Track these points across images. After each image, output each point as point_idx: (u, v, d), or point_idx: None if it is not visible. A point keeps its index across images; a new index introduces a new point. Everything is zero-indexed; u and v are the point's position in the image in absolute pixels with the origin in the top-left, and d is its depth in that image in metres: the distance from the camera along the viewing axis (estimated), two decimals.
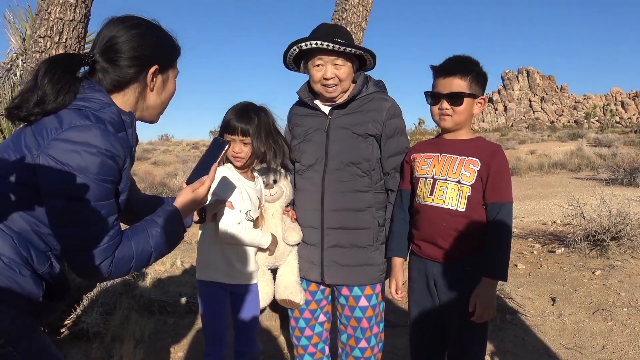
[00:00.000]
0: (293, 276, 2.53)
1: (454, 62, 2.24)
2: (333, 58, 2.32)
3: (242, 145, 2.37)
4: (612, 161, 15.58)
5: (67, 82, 1.50)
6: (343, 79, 2.35)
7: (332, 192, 2.39)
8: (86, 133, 1.43)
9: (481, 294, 2.12)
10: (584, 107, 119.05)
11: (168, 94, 1.77)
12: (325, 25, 2.42)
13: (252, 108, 2.41)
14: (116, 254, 1.50)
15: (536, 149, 27.58)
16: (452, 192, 2.18)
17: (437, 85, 2.23)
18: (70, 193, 1.41)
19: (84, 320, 3.63)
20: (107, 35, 1.59)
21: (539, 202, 10.78)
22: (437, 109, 2.24)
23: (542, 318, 4.12)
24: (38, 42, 3.05)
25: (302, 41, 2.32)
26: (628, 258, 5.55)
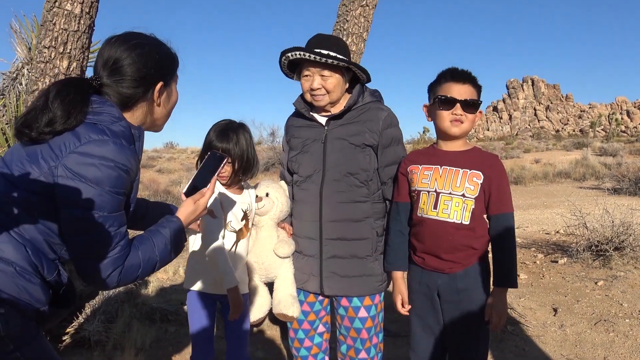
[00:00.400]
0: (286, 289, 2.53)
1: (464, 71, 2.25)
2: (319, 69, 2.33)
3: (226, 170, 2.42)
4: (617, 170, 15.50)
5: (78, 104, 1.55)
6: (330, 90, 2.35)
7: (330, 203, 2.40)
8: (103, 147, 1.49)
9: (497, 304, 2.19)
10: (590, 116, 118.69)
11: (172, 103, 1.83)
12: (319, 36, 2.42)
13: (232, 127, 2.46)
14: (125, 263, 1.56)
15: (541, 158, 27.54)
16: (457, 206, 2.18)
17: (451, 91, 2.19)
18: (86, 204, 1.46)
19: (86, 328, 3.65)
20: (112, 57, 1.63)
21: (542, 212, 10.75)
22: (450, 114, 2.20)
23: (543, 328, 4.11)
24: (43, 53, 3.09)
25: (289, 51, 2.35)
26: (631, 269, 5.53)
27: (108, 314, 3.87)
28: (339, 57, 2.30)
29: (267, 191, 2.55)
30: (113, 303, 4.04)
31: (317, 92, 2.36)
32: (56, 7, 3.06)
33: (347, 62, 2.33)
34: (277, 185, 2.59)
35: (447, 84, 2.22)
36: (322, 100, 2.39)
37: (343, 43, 2.47)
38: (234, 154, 2.41)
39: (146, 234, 1.67)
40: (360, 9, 3.84)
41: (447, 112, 2.20)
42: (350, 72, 2.42)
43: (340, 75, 2.36)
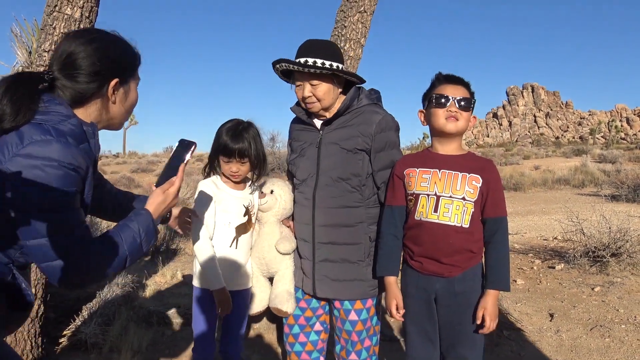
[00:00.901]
0: (284, 286, 2.59)
1: (457, 76, 2.31)
2: (308, 78, 2.35)
3: (239, 165, 2.52)
4: (616, 177, 15.53)
5: (26, 101, 1.51)
6: (320, 98, 2.36)
7: (322, 208, 2.42)
8: (46, 147, 1.44)
9: (489, 307, 2.20)
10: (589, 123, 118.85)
11: (131, 103, 1.79)
12: (308, 43, 2.41)
13: (244, 127, 2.53)
14: (90, 261, 1.52)
15: (540, 165, 27.57)
16: (457, 209, 2.20)
17: (445, 91, 2.24)
18: (36, 206, 1.43)
19: (83, 331, 3.66)
20: (66, 51, 1.60)
21: (541, 218, 10.76)
22: (445, 111, 2.23)
23: (539, 334, 4.12)
24: (43, 56, 3.12)
25: (277, 62, 2.38)
26: (628, 275, 5.54)
27: (105, 317, 3.88)
28: (321, 66, 2.30)
29: (272, 188, 2.60)
30: (110, 306, 4.05)
31: (309, 100, 2.39)
32: (56, 12, 3.09)
33: (331, 69, 2.32)
34: (283, 183, 2.64)
35: (442, 86, 2.27)
36: (314, 107, 2.41)
37: (333, 47, 2.44)
38: (250, 153, 2.50)
39: (114, 229, 1.63)
40: (358, 15, 3.87)
41: (442, 109, 2.23)
42: (341, 77, 2.42)
43: (329, 83, 2.37)
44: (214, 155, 2.55)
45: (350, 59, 3.88)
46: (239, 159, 2.49)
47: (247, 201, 2.60)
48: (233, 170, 2.51)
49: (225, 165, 2.52)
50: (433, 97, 2.25)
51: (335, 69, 2.34)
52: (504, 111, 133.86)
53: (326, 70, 2.31)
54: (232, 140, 2.47)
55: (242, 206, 2.57)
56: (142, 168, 29.46)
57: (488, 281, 2.23)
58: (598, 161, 27.08)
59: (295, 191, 2.60)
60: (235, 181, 2.58)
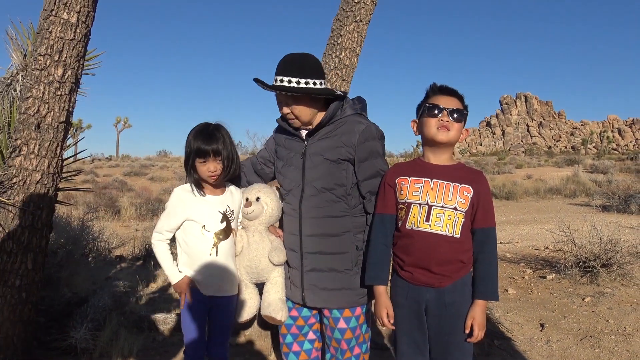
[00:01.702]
0: (277, 294, 2.59)
1: (451, 88, 2.33)
2: (284, 98, 2.40)
3: (215, 164, 2.53)
4: (607, 188, 15.66)
5: None
6: (298, 115, 2.42)
7: (309, 218, 2.44)
8: None
9: (477, 316, 2.22)
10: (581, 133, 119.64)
11: None
12: (285, 60, 2.42)
13: (214, 127, 2.58)
14: None
15: (533, 174, 27.70)
16: (449, 219, 2.22)
17: (438, 101, 2.27)
18: None
19: (73, 336, 3.64)
20: None
21: (533, 227, 10.82)
22: (437, 121, 2.25)
23: (530, 344, 4.14)
24: (38, 60, 3.11)
25: (256, 81, 2.43)
26: (618, 285, 5.58)
27: (96, 322, 3.85)
28: (294, 87, 2.33)
29: (258, 195, 2.59)
30: (101, 311, 4.03)
31: (288, 117, 2.44)
32: (53, 16, 3.09)
33: (303, 90, 2.34)
34: (269, 190, 2.63)
35: (435, 96, 2.29)
36: (294, 123, 2.47)
37: (311, 63, 2.42)
38: (223, 153, 2.52)
39: None
40: (354, 24, 3.90)
41: (435, 119, 2.26)
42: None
43: (305, 101, 2.40)
44: (189, 160, 2.56)
45: (345, 68, 3.90)
46: (214, 157, 2.51)
47: (223, 207, 2.61)
48: (211, 169, 2.52)
49: (202, 167, 2.52)
50: (426, 106, 2.28)
51: (307, 89, 2.35)
52: (497, 120, 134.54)
53: (297, 93, 2.34)
54: (205, 141, 2.50)
55: (218, 212, 2.58)
56: (135, 171, 29.37)
57: (477, 292, 2.25)
58: (590, 171, 27.28)
59: (283, 202, 2.61)
60: (214, 183, 2.58)
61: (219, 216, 2.58)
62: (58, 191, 3.39)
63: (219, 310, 2.66)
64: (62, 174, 3.40)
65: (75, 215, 8.20)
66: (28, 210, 3.10)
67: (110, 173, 28.31)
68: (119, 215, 12.32)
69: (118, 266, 6.74)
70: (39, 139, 3.11)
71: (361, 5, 3.89)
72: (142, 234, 8.77)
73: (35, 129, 3.10)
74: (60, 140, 3.22)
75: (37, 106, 3.09)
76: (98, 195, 14.49)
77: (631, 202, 12.76)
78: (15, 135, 3.13)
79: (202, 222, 2.56)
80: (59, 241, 5.51)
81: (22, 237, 3.11)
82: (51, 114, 3.14)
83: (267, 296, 2.61)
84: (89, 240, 6.50)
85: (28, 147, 3.09)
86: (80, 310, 3.97)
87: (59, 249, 5.33)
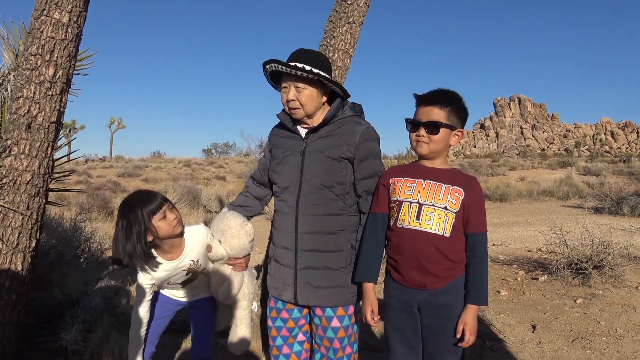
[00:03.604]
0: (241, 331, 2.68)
1: (436, 93, 2.32)
2: (294, 81, 2.40)
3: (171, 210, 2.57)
4: (599, 190, 15.72)
5: None
6: (304, 103, 2.41)
7: (306, 215, 2.44)
8: None
9: (469, 321, 2.22)
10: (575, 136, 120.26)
11: None
12: (299, 50, 2.47)
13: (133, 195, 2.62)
14: None
15: (526, 176, 27.82)
16: (439, 218, 2.24)
17: (418, 113, 2.32)
18: None
19: (64, 337, 3.61)
20: None
21: (526, 229, 10.85)
22: (415, 135, 2.32)
23: (521, 345, 4.15)
24: (29, 60, 3.09)
25: (267, 63, 2.43)
26: (609, 287, 5.61)
27: (86, 323, 3.83)
28: (311, 70, 2.35)
29: (220, 238, 2.56)
30: (92, 312, 4.01)
31: (292, 105, 2.43)
32: (44, 15, 3.07)
33: (319, 75, 2.37)
34: (236, 231, 2.56)
35: (417, 108, 2.34)
36: (297, 113, 2.45)
37: (323, 58, 2.51)
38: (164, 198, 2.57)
39: None
40: (347, 25, 3.89)
41: (413, 133, 2.33)
42: (326, 86, 2.46)
43: (315, 89, 2.42)
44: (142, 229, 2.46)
45: (338, 69, 3.90)
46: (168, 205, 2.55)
47: (186, 264, 2.65)
48: (172, 218, 2.53)
49: (163, 223, 2.50)
50: (406, 121, 2.36)
51: (321, 75, 2.38)
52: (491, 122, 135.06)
53: (312, 75, 2.35)
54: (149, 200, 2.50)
55: (182, 272, 2.66)
56: (129, 172, 29.25)
57: (469, 296, 2.26)
58: (582, 173, 27.42)
59: (275, 199, 2.61)
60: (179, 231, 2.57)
61: (183, 274, 2.68)
62: (49, 192, 3.37)
63: (197, 311, 2.77)
64: (53, 175, 3.37)
65: (68, 216, 8.15)
66: (18, 211, 3.08)
67: (103, 174, 28.19)
68: (112, 216, 12.23)
69: (110, 267, 6.70)
70: (30, 139, 3.09)
71: (354, 7, 3.89)
72: None
73: (26, 129, 3.08)
74: (51, 140, 3.20)
75: (27, 106, 3.07)
76: (91, 196, 14.41)
77: (623, 204, 12.82)
78: (5, 135, 3.11)
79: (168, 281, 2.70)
80: (50, 242, 5.48)
81: (12, 238, 3.09)
82: (42, 114, 3.12)
83: (232, 332, 2.70)
84: (81, 241, 6.46)
85: (18, 148, 3.07)
86: (71, 312, 3.94)
87: (51, 249, 5.30)
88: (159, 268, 2.59)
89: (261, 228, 4.88)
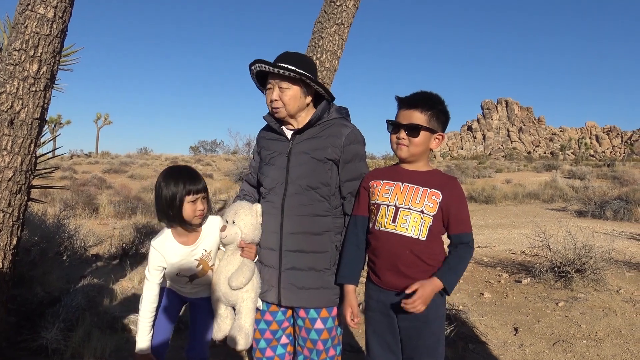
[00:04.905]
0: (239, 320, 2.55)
1: (418, 96, 2.33)
2: (279, 81, 2.42)
3: (203, 202, 2.54)
4: (583, 194, 15.91)
5: None
6: (286, 103, 2.43)
7: (291, 216, 2.44)
8: None
9: (426, 290, 2.17)
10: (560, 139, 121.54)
11: None
12: (285, 53, 2.49)
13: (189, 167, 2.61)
14: None
15: (512, 178, 28.04)
16: (415, 221, 2.25)
17: (399, 116, 2.33)
18: None
19: (44, 336, 3.58)
20: None
21: (510, 232, 10.94)
22: (395, 137, 2.33)
23: (503, 348, 4.18)
24: (13, 55, 3.05)
25: (253, 63, 2.45)
26: (591, 290, 5.67)
27: (68, 322, 3.80)
28: (294, 70, 2.37)
29: (234, 219, 2.51)
30: (74, 311, 3.97)
31: (275, 105, 2.45)
32: (29, 10, 3.03)
33: (302, 74, 2.38)
34: (247, 210, 2.52)
35: (399, 111, 2.35)
36: (279, 112, 2.47)
37: (308, 60, 2.53)
38: (205, 189, 2.56)
39: None
40: (335, 27, 3.90)
41: (394, 135, 2.34)
42: (311, 88, 2.47)
43: (298, 88, 2.43)
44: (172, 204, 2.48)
45: (326, 70, 3.91)
46: (203, 194, 2.53)
47: (199, 253, 2.60)
48: (199, 208, 2.51)
49: (191, 207, 2.49)
50: (387, 123, 2.37)
51: (304, 74, 2.39)
52: (479, 124, 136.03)
53: (295, 74, 2.37)
54: (191, 182, 2.49)
55: (193, 261, 2.60)
56: (115, 169, 29.04)
57: (440, 272, 2.22)
58: (567, 177, 27.69)
59: (262, 200, 2.60)
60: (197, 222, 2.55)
61: (194, 263, 2.61)
62: (31, 188, 3.33)
63: (199, 309, 2.73)
64: (35, 172, 3.33)
65: (51, 212, 8.07)
66: None
67: (89, 170, 27.92)
68: (96, 213, 12.11)
69: (94, 265, 6.64)
70: (12, 135, 3.05)
71: (343, 9, 3.89)
72: (120, 232, 8.66)
73: (9, 125, 3.04)
74: (34, 137, 3.16)
75: (10, 102, 3.03)
76: (75, 193, 14.26)
77: (606, 208, 12.98)
78: None
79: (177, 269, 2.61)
80: (32, 239, 5.42)
81: None
82: (25, 110, 3.08)
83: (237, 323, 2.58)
84: (64, 239, 6.40)
85: (0, 144, 3.03)
86: (52, 310, 3.90)
87: (33, 246, 5.24)
88: (173, 251, 2.56)
89: None
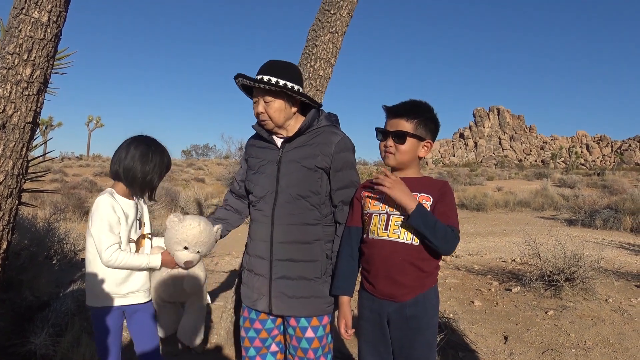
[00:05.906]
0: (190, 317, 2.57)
1: (405, 104, 2.37)
2: (262, 94, 2.43)
3: None
4: (574, 202, 16.01)
5: None
6: (272, 116, 2.44)
7: (281, 225, 2.45)
8: None
9: (402, 185, 2.22)
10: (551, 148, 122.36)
11: None
12: (269, 63, 2.48)
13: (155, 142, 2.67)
14: None
15: (503, 186, 28.20)
16: (408, 227, 2.25)
17: (387, 125, 2.37)
18: None
19: (33, 341, 3.55)
20: None
21: (501, 239, 11.00)
22: (383, 145, 2.36)
23: (493, 356, 4.20)
24: (6, 59, 3.04)
25: (236, 77, 2.47)
26: (580, 299, 5.71)
27: (57, 327, 3.77)
28: (276, 83, 2.38)
29: (198, 249, 2.53)
30: (63, 316, 3.94)
31: (261, 117, 2.47)
32: (23, 14, 3.03)
33: (285, 88, 2.39)
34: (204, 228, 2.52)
35: (386, 121, 2.38)
36: (267, 125, 2.49)
37: (292, 69, 2.50)
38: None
39: None
40: (329, 35, 3.92)
41: (382, 143, 2.37)
42: (295, 97, 2.48)
43: (282, 100, 2.44)
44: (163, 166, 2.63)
45: (320, 78, 3.92)
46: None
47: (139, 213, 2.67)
48: None
49: None
50: (376, 131, 2.40)
51: (285, 87, 2.40)
52: (471, 132, 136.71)
53: (275, 87, 2.38)
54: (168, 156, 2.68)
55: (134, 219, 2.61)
56: (106, 172, 28.83)
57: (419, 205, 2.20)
58: (558, 185, 27.89)
59: (251, 208, 2.62)
60: None
61: (136, 223, 2.62)
62: (22, 192, 3.31)
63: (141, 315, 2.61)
64: (27, 176, 3.32)
65: (42, 215, 8.01)
66: None
67: (80, 172, 27.77)
68: (87, 216, 12.06)
69: (83, 269, 6.59)
70: (4, 139, 3.04)
71: (337, 17, 3.91)
72: None
73: (1, 129, 3.02)
74: (26, 141, 3.15)
75: (3, 105, 3.02)
76: (66, 196, 14.17)
77: (596, 217, 13.07)
78: None
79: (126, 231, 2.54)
80: (22, 243, 5.38)
81: None
82: (17, 114, 3.06)
83: (183, 319, 2.63)
84: (54, 242, 6.35)
85: None
86: (41, 315, 3.87)
87: (22, 250, 5.20)
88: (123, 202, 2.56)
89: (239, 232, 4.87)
